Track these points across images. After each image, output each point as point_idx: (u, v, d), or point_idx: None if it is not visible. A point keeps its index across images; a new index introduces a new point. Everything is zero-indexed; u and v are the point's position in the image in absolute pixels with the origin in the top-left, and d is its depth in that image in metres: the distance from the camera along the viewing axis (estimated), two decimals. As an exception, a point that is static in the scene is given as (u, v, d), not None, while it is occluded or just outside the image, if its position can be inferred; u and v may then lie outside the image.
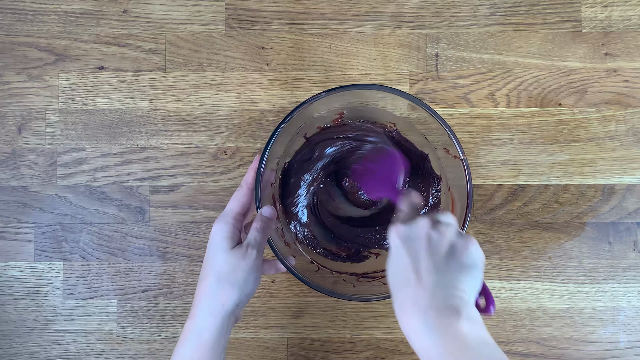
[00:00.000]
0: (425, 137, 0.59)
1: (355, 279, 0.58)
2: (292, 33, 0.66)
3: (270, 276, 0.65)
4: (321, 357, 0.65)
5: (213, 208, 0.65)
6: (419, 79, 0.65)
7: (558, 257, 0.65)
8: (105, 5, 0.66)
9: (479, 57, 0.65)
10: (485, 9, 0.65)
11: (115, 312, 0.65)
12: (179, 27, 0.66)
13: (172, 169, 0.65)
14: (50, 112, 0.66)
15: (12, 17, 0.66)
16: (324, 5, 0.66)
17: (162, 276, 0.65)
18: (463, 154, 0.53)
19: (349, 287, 0.56)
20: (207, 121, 0.65)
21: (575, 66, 0.65)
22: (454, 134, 0.53)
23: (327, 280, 0.57)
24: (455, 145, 0.53)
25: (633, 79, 0.65)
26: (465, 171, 0.53)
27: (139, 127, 0.65)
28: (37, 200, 0.65)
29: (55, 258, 0.65)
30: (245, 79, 0.65)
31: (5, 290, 0.65)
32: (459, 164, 0.54)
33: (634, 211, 0.65)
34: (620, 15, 0.65)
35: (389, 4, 0.66)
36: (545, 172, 0.65)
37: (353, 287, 0.56)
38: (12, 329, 0.65)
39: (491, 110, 0.65)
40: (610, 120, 0.65)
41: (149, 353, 0.65)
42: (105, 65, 0.66)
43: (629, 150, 0.65)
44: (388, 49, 0.65)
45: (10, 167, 0.65)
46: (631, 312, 0.65)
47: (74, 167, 0.65)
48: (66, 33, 0.66)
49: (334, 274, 0.58)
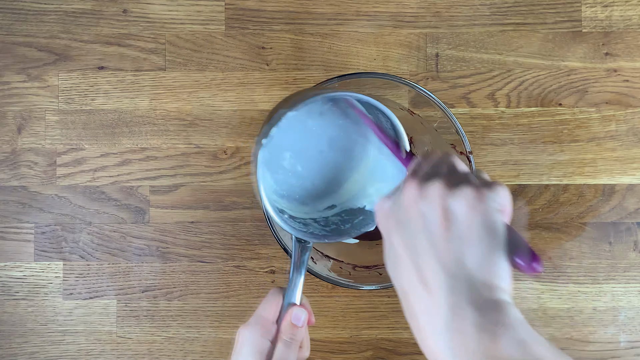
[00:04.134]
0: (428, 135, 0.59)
1: (351, 267, 0.58)
2: (292, 33, 0.66)
3: (270, 276, 0.65)
4: (321, 357, 0.65)
5: (213, 208, 0.65)
6: (419, 78, 0.65)
7: (558, 257, 0.65)
8: (105, 5, 0.66)
9: (479, 57, 0.65)
10: (486, 9, 0.65)
11: (115, 313, 0.65)
12: (179, 27, 0.66)
13: (172, 169, 0.65)
14: (50, 112, 0.66)
15: (11, 17, 0.66)
16: (324, 5, 0.66)
17: (162, 276, 0.65)
18: (469, 148, 0.54)
19: (345, 274, 0.57)
20: (207, 121, 0.65)
21: (575, 66, 0.65)
22: (461, 129, 0.54)
23: (325, 266, 0.57)
24: (461, 139, 0.54)
25: (633, 78, 0.65)
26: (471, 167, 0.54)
27: (138, 127, 0.65)
28: (36, 200, 0.65)
29: (55, 258, 0.65)
30: (245, 79, 0.65)
31: (5, 291, 0.65)
32: (464, 162, 0.54)
33: (634, 211, 0.65)
34: (621, 15, 0.65)
35: (389, 4, 0.66)
36: (546, 172, 0.65)
37: (349, 275, 0.57)
38: (11, 329, 0.65)
39: (491, 110, 0.65)
40: (611, 120, 0.65)
41: (149, 353, 0.65)
42: (105, 65, 0.66)
43: (630, 150, 0.65)
44: (388, 49, 0.65)
45: (10, 167, 0.65)
46: (632, 312, 0.65)
47: (74, 167, 0.65)
48: (66, 33, 0.66)
49: (331, 260, 0.59)
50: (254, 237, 0.65)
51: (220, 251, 0.65)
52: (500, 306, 0.31)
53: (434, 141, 0.60)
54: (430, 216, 0.34)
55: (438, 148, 0.60)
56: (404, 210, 0.35)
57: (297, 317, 0.45)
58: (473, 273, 0.32)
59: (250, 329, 0.44)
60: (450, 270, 0.32)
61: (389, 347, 0.65)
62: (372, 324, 0.65)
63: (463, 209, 0.33)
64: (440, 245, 0.33)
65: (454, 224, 0.33)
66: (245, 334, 0.44)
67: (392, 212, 0.36)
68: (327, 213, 0.56)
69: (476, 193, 0.33)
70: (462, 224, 0.33)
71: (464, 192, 0.33)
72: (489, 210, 0.33)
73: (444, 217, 0.33)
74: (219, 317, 0.65)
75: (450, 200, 0.33)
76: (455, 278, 0.32)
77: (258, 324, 0.45)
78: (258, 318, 0.45)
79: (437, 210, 0.33)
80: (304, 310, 0.46)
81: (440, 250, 0.33)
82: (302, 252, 0.49)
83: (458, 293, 0.31)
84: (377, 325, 0.65)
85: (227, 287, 0.65)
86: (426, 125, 0.59)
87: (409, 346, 0.65)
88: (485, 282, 0.32)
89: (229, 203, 0.65)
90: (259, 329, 0.44)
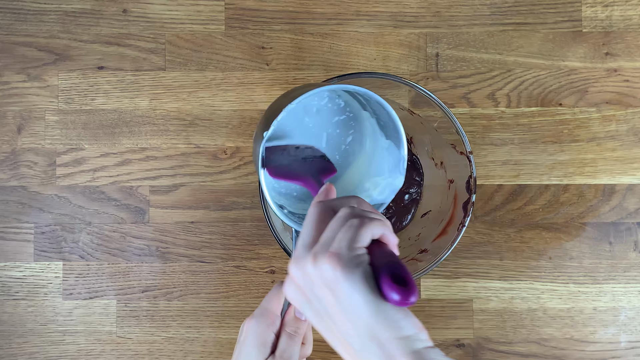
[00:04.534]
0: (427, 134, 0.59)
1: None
2: (292, 33, 0.65)
3: (270, 276, 0.65)
4: (321, 357, 0.65)
5: (213, 208, 0.65)
6: (419, 78, 0.65)
7: (558, 257, 0.65)
8: (105, 5, 0.66)
9: (480, 56, 0.65)
10: (486, 9, 0.65)
11: (115, 313, 0.65)
12: (179, 26, 0.66)
13: (171, 169, 0.65)
14: (49, 112, 0.65)
15: (11, 17, 0.66)
16: (324, 5, 0.66)
17: (161, 276, 0.65)
18: (469, 148, 0.54)
19: None
20: (207, 121, 0.65)
21: (575, 66, 0.65)
22: (461, 129, 0.54)
23: None
24: (461, 139, 0.54)
25: (634, 78, 0.65)
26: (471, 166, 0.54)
27: (138, 127, 0.65)
28: (36, 200, 0.65)
29: (54, 258, 0.65)
30: (245, 79, 0.65)
31: (5, 291, 0.65)
32: (464, 162, 0.54)
33: (634, 211, 0.65)
34: (621, 14, 0.65)
35: (389, 4, 0.65)
36: (546, 172, 0.65)
37: None
38: (11, 329, 0.65)
39: (491, 110, 0.65)
40: (611, 120, 0.65)
41: (149, 353, 0.65)
42: (105, 65, 0.66)
43: (630, 150, 0.65)
44: (388, 49, 0.65)
45: (10, 167, 0.65)
46: (632, 312, 0.65)
47: (74, 167, 0.65)
48: (66, 33, 0.66)
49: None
50: (254, 237, 0.65)
51: (220, 251, 0.65)
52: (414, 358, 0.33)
53: (434, 141, 0.60)
54: (317, 297, 0.36)
55: (436, 149, 0.60)
56: (301, 294, 0.38)
57: (300, 311, 0.45)
58: (375, 335, 0.34)
59: (255, 321, 0.45)
60: (357, 340, 0.35)
61: (389, 347, 0.65)
62: (372, 324, 0.65)
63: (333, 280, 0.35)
64: (340, 323, 0.35)
65: (337, 297, 0.35)
66: (250, 325, 0.45)
67: (296, 298, 0.38)
68: None
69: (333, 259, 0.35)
70: (341, 293, 0.35)
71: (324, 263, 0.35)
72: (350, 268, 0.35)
73: (328, 292, 0.35)
74: (218, 317, 0.65)
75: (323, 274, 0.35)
76: (364, 345, 0.34)
77: (263, 316, 0.46)
78: (263, 310, 0.46)
79: (319, 287, 0.36)
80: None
81: (341, 327, 0.35)
82: None
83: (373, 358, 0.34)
84: (377, 326, 0.65)
85: (227, 287, 0.65)
86: (426, 125, 0.59)
87: (409, 346, 0.65)
88: (390, 337, 0.34)
89: (229, 203, 0.65)
90: (264, 321, 0.45)
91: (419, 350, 0.33)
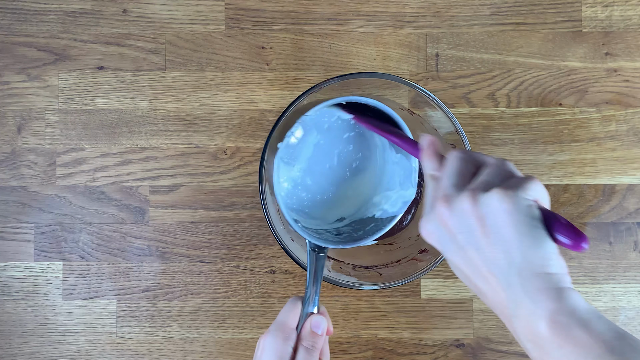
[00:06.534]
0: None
1: (351, 267, 0.58)
2: (292, 33, 0.65)
3: (270, 276, 0.65)
4: None
5: (213, 208, 0.65)
6: (419, 78, 0.65)
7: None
8: (105, 5, 0.66)
9: (479, 56, 0.65)
10: (486, 9, 0.65)
11: (115, 313, 0.65)
12: (179, 26, 0.66)
13: (171, 169, 0.65)
14: (49, 112, 0.65)
15: (11, 17, 0.66)
16: (324, 5, 0.66)
17: (161, 276, 0.65)
18: (469, 148, 0.54)
19: (345, 274, 0.57)
20: (207, 121, 0.65)
21: (575, 66, 0.65)
22: (461, 129, 0.54)
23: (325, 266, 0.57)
24: (461, 139, 0.54)
25: (634, 78, 0.65)
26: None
27: (138, 127, 0.65)
28: (36, 200, 0.65)
29: (54, 258, 0.65)
30: (245, 79, 0.65)
31: (5, 291, 0.65)
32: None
33: (634, 211, 0.65)
34: (621, 15, 0.65)
35: (389, 4, 0.66)
36: (546, 172, 0.65)
37: (349, 275, 0.57)
38: (11, 329, 0.65)
39: (491, 110, 0.65)
40: (611, 120, 0.65)
41: (149, 353, 0.65)
42: (105, 65, 0.66)
43: (630, 150, 0.65)
44: (388, 49, 0.65)
45: (10, 167, 0.65)
46: (632, 312, 0.65)
47: (74, 167, 0.65)
48: (66, 33, 0.66)
49: (331, 260, 0.59)
50: (254, 237, 0.65)
51: (220, 251, 0.65)
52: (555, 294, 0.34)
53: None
54: (468, 230, 0.36)
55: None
56: (445, 230, 0.37)
57: (317, 324, 0.45)
58: (523, 267, 0.34)
59: (271, 336, 0.44)
60: (503, 271, 0.35)
61: (389, 347, 0.65)
62: (372, 324, 0.65)
63: (495, 212, 0.35)
64: (488, 253, 0.36)
65: (491, 229, 0.35)
66: (267, 340, 0.44)
67: (436, 235, 0.38)
68: (337, 225, 0.57)
69: (503, 194, 0.35)
70: (499, 226, 0.35)
71: (491, 197, 0.35)
72: (519, 206, 0.35)
73: (480, 225, 0.36)
74: (218, 317, 0.65)
75: (481, 208, 0.36)
76: (509, 276, 0.35)
77: (279, 330, 0.45)
78: (278, 325, 0.45)
79: (471, 220, 0.36)
80: (324, 318, 0.46)
81: (489, 257, 0.36)
82: (317, 261, 0.49)
83: (515, 289, 0.34)
84: (377, 326, 0.65)
85: (227, 287, 0.65)
86: (426, 125, 0.59)
87: (409, 346, 0.65)
88: (536, 272, 0.34)
89: (229, 203, 0.65)
90: (280, 335, 0.44)
91: (561, 288, 0.34)
